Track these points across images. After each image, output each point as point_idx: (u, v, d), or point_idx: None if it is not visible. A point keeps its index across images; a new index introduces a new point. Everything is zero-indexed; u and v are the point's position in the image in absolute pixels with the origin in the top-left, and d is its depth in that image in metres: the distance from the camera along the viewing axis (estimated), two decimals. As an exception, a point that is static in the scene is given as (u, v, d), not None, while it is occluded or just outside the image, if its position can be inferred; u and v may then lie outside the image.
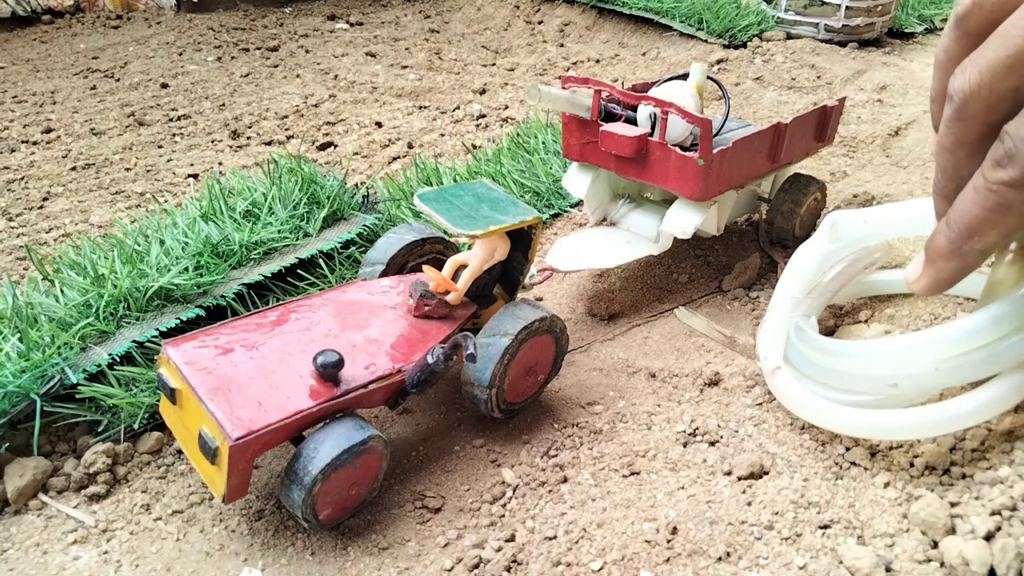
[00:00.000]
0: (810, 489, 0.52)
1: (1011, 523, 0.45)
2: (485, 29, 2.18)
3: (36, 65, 1.80)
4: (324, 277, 0.79)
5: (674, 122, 0.70)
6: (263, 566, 0.50)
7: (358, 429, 0.50)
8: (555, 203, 1.00)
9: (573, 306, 0.81)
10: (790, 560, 0.47)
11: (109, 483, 0.57)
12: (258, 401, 0.49)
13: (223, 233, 0.76)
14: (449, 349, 0.52)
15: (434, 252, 0.69)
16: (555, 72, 1.72)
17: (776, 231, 0.85)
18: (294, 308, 0.58)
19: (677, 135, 0.71)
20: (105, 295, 0.66)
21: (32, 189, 1.15)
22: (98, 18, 2.21)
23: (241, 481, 0.48)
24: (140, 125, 1.42)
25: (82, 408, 0.61)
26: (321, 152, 1.29)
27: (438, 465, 0.59)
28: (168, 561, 0.51)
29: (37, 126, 1.40)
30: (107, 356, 0.62)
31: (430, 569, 0.49)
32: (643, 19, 1.96)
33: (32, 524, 0.54)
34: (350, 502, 0.52)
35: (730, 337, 0.73)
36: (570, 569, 0.48)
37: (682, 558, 0.48)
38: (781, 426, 0.59)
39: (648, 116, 0.73)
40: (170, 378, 0.51)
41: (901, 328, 0.67)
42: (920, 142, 1.19)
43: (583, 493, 0.54)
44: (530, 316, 0.58)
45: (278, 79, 1.70)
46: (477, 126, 1.39)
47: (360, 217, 0.86)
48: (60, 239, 0.99)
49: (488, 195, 0.61)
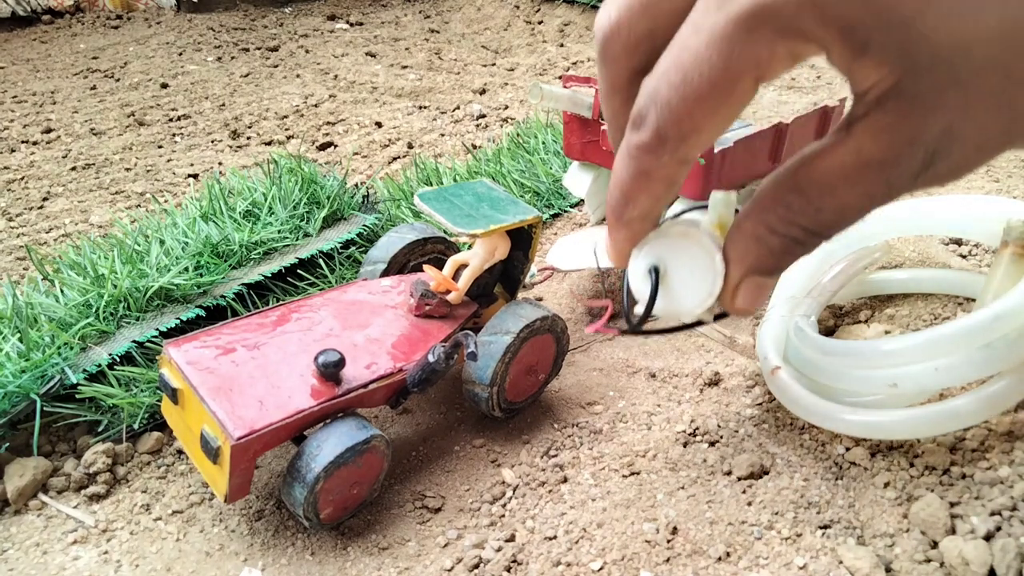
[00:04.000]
0: (810, 489, 0.52)
1: (1011, 523, 0.45)
2: (485, 29, 2.18)
3: (36, 65, 1.80)
4: (324, 277, 0.79)
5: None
6: (263, 566, 0.50)
7: (360, 428, 0.50)
8: (555, 203, 1.00)
9: (573, 306, 0.81)
10: (790, 560, 0.47)
11: (109, 483, 0.57)
12: (259, 401, 0.49)
13: (223, 233, 0.76)
14: (450, 348, 0.52)
15: (435, 252, 0.69)
16: (555, 72, 1.72)
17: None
18: (295, 308, 0.58)
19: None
20: (105, 295, 0.66)
21: (32, 189, 1.15)
22: (98, 18, 2.21)
23: (243, 480, 0.48)
24: (140, 125, 1.42)
25: (82, 408, 0.61)
26: (321, 152, 1.29)
27: (438, 465, 0.59)
28: (168, 561, 0.51)
29: (37, 126, 1.40)
30: (107, 356, 0.62)
31: (430, 569, 0.49)
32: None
33: (32, 524, 0.54)
34: (351, 501, 0.52)
35: (730, 337, 0.73)
36: (570, 569, 0.48)
37: (682, 558, 0.48)
38: (781, 426, 0.59)
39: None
40: (172, 378, 0.51)
41: (901, 328, 0.67)
42: (920, 142, 1.20)
43: (583, 493, 0.54)
44: (531, 315, 0.58)
45: (278, 79, 1.70)
46: (477, 126, 1.39)
47: (360, 217, 0.86)
48: (60, 239, 0.99)
49: (488, 194, 0.62)
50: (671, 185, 0.31)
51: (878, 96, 0.25)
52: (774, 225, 0.30)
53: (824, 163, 0.27)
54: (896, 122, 0.24)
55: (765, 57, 0.25)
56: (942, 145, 0.25)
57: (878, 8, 0.22)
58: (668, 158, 0.29)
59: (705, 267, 0.43)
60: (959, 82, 0.23)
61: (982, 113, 0.24)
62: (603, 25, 0.29)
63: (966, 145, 0.25)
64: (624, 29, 0.29)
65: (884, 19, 0.22)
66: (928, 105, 0.24)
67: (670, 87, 0.26)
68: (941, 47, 0.23)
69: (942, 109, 0.24)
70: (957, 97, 0.23)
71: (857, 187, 0.26)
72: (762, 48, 0.24)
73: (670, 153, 0.28)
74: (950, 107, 0.24)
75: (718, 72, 0.25)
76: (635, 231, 0.36)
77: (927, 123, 0.24)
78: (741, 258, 0.33)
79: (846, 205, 0.27)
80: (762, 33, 0.24)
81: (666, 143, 0.28)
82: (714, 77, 0.25)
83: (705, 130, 0.28)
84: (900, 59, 0.23)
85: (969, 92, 0.23)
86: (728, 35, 0.24)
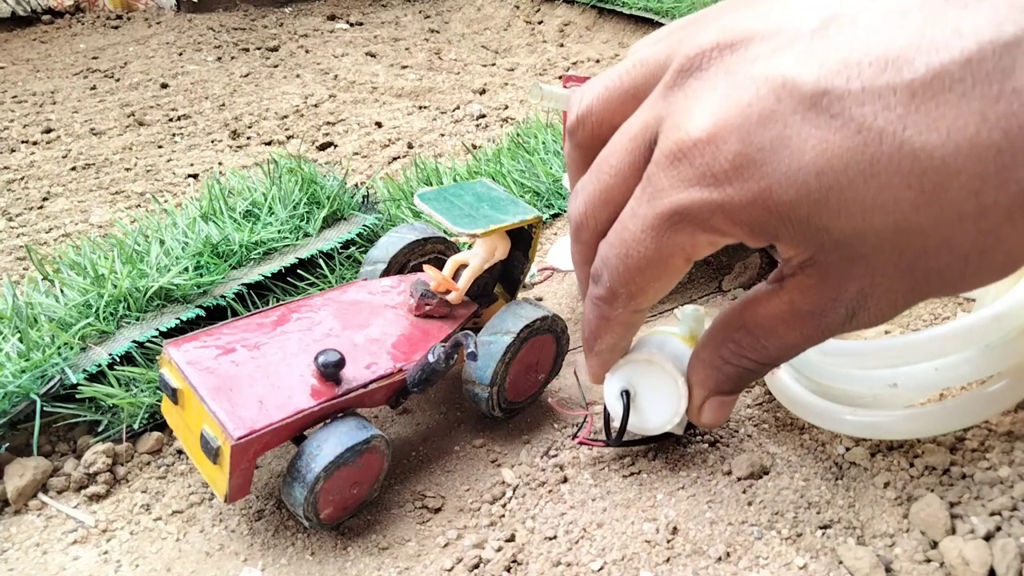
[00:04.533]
0: (810, 489, 0.52)
1: (1011, 523, 0.45)
2: (485, 29, 2.18)
3: (36, 65, 1.80)
4: (324, 277, 0.79)
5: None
6: (263, 566, 0.50)
7: (361, 428, 0.50)
8: (555, 203, 1.00)
9: (573, 306, 0.81)
10: (790, 560, 0.47)
11: (109, 483, 0.57)
12: (260, 401, 0.49)
13: (223, 233, 0.76)
14: (450, 348, 0.52)
15: (435, 252, 0.69)
16: (555, 72, 1.72)
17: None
18: (295, 308, 0.58)
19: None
20: (105, 295, 0.66)
21: (32, 189, 1.15)
22: (98, 18, 2.21)
23: (243, 480, 0.48)
24: (140, 125, 1.42)
25: (82, 408, 0.61)
26: (321, 152, 1.29)
27: (438, 465, 0.59)
28: (168, 561, 0.51)
29: (37, 126, 1.40)
30: (107, 356, 0.62)
31: (430, 569, 0.49)
32: (643, 19, 1.96)
33: (32, 524, 0.54)
34: (351, 502, 0.52)
35: (730, 337, 0.73)
36: (570, 569, 0.48)
37: (682, 558, 0.48)
38: (781, 426, 0.59)
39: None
40: (172, 378, 0.51)
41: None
42: (920, 142, 1.19)
43: (583, 493, 0.54)
44: (532, 315, 0.58)
45: (278, 79, 1.70)
46: (477, 126, 1.39)
47: (360, 217, 0.86)
48: (60, 239, 0.99)
49: (488, 194, 0.62)
50: (629, 327, 0.38)
51: (800, 263, 0.29)
52: (727, 357, 0.35)
53: (764, 309, 0.32)
54: (818, 284, 0.29)
55: (689, 244, 0.30)
56: (859, 304, 0.29)
57: (778, 212, 0.26)
58: (622, 310, 0.35)
59: (670, 390, 0.51)
60: (863, 256, 0.27)
61: (888, 279, 0.27)
62: (574, 215, 0.35)
63: (880, 302, 0.28)
64: (591, 219, 0.34)
65: (785, 219, 0.27)
66: (841, 274, 0.28)
67: (617, 258, 0.32)
68: (841, 233, 0.26)
69: (853, 277, 0.28)
70: (864, 268, 0.27)
71: (794, 331, 0.31)
72: (685, 238, 0.29)
73: (623, 307, 0.35)
74: (860, 275, 0.28)
75: (652, 252, 0.31)
76: (604, 360, 0.43)
77: (844, 287, 0.28)
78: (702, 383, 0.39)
79: (787, 344, 0.32)
80: (683, 227, 0.29)
81: (618, 298, 0.34)
82: (649, 255, 0.31)
83: (648, 292, 0.34)
84: (807, 243, 0.28)
85: (872, 264, 0.27)
86: (657, 226, 0.30)
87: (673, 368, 0.48)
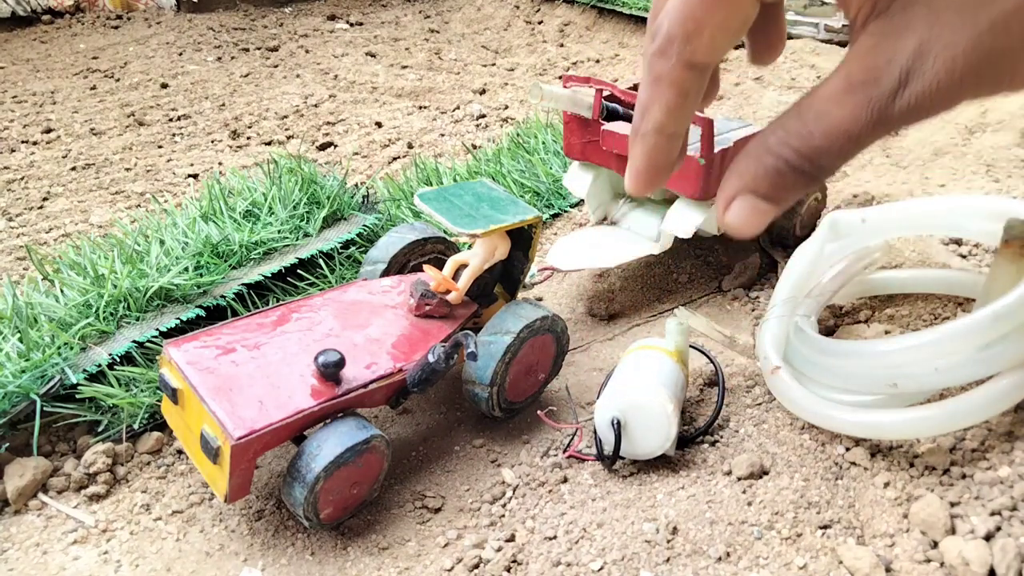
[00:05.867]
0: (810, 489, 0.52)
1: (1011, 523, 0.45)
2: (485, 29, 2.18)
3: (36, 65, 1.80)
4: (324, 277, 0.79)
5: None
6: (263, 566, 0.50)
7: (361, 428, 0.50)
8: (555, 203, 1.00)
9: (573, 306, 0.81)
10: (790, 560, 0.47)
11: (109, 483, 0.57)
12: (260, 401, 0.49)
13: (223, 233, 0.76)
14: (450, 348, 0.52)
15: (435, 252, 0.69)
16: (555, 72, 1.72)
17: (776, 231, 0.85)
18: (295, 308, 0.58)
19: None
20: (105, 295, 0.66)
21: (32, 189, 1.15)
22: (98, 18, 2.21)
23: (243, 480, 0.48)
24: (140, 125, 1.42)
25: (82, 408, 0.61)
26: (321, 152, 1.29)
27: (438, 465, 0.59)
28: (168, 561, 0.51)
29: (37, 126, 1.40)
30: (107, 356, 0.62)
31: (430, 569, 0.49)
32: (643, 19, 1.96)
33: (32, 524, 0.54)
34: (351, 501, 0.52)
35: (730, 337, 0.73)
36: (570, 569, 0.48)
37: (682, 558, 0.48)
38: (781, 426, 0.59)
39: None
40: (172, 378, 0.51)
41: (901, 328, 0.67)
42: (920, 142, 1.19)
43: (583, 493, 0.54)
44: (532, 315, 0.58)
45: (278, 79, 1.70)
46: (477, 126, 1.39)
47: (360, 217, 0.86)
48: (60, 239, 0.99)
49: (488, 194, 0.62)
50: (680, 94, 0.34)
51: (862, 21, 0.28)
52: (771, 145, 0.33)
53: (821, 90, 0.30)
54: (875, 44, 0.28)
55: None
56: (915, 64, 0.27)
57: None
58: (676, 60, 0.32)
59: (659, 420, 0.53)
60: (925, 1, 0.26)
61: (948, 31, 0.26)
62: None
63: (937, 63, 0.27)
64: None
65: None
66: (900, 24, 0.27)
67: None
68: None
69: (912, 28, 0.27)
70: (925, 14, 0.26)
71: (843, 108, 0.29)
72: None
73: (677, 54, 0.32)
74: (919, 25, 0.27)
75: None
76: (648, 145, 0.37)
77: (900, 42, 0.27)
78: (739, 173, 0.36)
79: (834, 128, 0.30)
80: None
81: (673, 43, 0.31)
82: None
83: (705, 32, 0.31)
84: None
85: (934, 7, 0.26)
86: None
87: (663, 397, 0.50)
